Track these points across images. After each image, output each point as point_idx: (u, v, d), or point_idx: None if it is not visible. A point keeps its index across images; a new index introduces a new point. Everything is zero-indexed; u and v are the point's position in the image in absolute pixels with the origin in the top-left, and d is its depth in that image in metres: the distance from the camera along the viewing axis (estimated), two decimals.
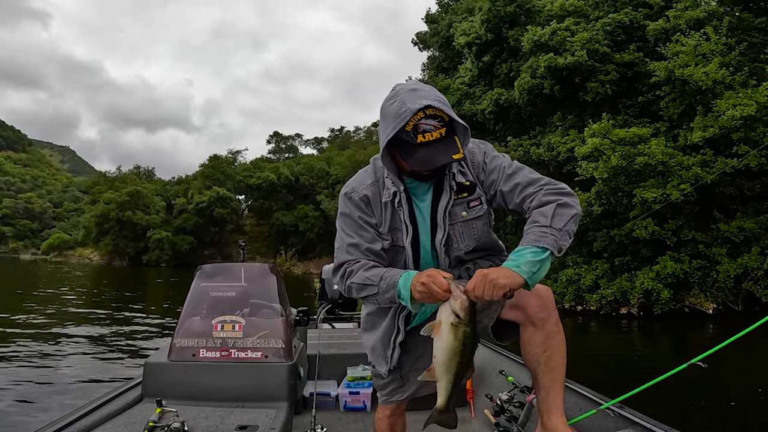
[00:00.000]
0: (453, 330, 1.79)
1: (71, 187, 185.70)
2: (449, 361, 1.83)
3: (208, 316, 3.97)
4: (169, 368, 3.67)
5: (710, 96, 15.73)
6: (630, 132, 16.21)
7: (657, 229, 15.53)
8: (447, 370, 1.85)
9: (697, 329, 13.94)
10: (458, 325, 1.78)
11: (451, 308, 1.78)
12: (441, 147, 1.93)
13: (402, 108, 1.93)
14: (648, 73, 17.64)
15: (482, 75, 24.44)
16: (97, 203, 67.51)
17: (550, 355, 2.08)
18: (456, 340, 1.79)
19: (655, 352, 11.69)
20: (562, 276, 17.69)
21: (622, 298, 16.13)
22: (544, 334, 2.08)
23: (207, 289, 4.20)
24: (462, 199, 2.18)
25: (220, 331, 3.86)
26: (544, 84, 19.39)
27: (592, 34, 19.15)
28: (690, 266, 15.56)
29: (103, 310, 17.47)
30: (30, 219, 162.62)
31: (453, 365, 1.84)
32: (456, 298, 1.77)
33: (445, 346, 1.82)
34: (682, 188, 15.04)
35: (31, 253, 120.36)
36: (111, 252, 66.85)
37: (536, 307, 2.08)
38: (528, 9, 22.06)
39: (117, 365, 9.45)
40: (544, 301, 2.09)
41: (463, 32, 23.83)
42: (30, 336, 11.64)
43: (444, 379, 1.87)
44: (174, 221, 64.54)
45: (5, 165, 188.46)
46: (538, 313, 2.08)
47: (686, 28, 17.25)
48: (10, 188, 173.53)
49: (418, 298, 1.87)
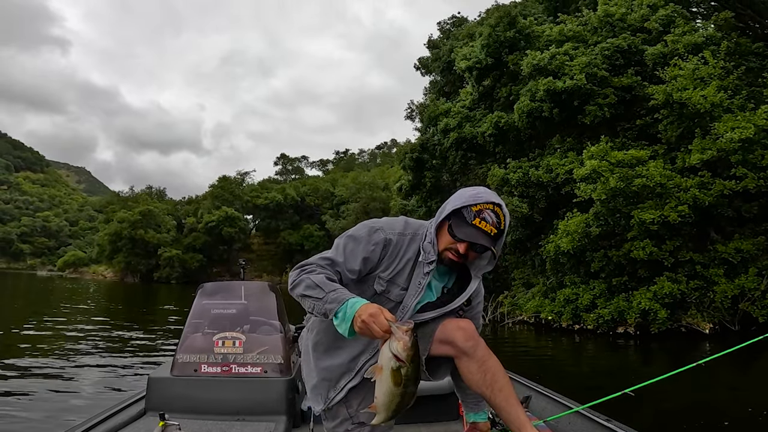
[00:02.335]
0: (393, 375, 1.75)
1: (86, 207, 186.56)
2: (390, 403, 1.80)
3: (210, 332, 4.04)
4: (172, 383, 3.75)
5: (708, 119, 15.59)
6: (628, 154, 16.05)
7: (655, 249, 15.29)
8: (387, 409, 1.82)
9: (693, 349, 13.69)
10: (399, 368, 1.74)
11: (390, 350, 1.74)
12: (487, 239, 2.04)
13: (479, 194, 2.09)
14: (646, 97, 17.53)
15: (482, 98, 24.36)
16: (110, 222, 68.27)
17: (492, 377, 2.11)
18: (396, 384, 1.76)
19: (652, 370, 11.40)
20: (560, 295, 17.51)
21: (619, 318, 15.87)
22: (478, 360, 2.13)
23: (208, 306, 4.27)
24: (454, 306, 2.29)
25: (221, 347, 3.93)
26: (543, 107, 19.26)
27: (591, 58, 19.07)
28: (687, 287, 15.30)
29: (112, 325, 17.32)
30: (47, 237, 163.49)
31: (393, 405, 1.81)
32: (398, 339, 1.72)
33: (385, 390, 1.78)
34: (679, 210, 14.85)
35: (48, 270, 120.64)
36: (123, 269, 67.51)
37: (462, 338, 2.13)
38: (527, 34, 21.99)
39: (126, 379, 9.32)
40: (467, 332, 2.15)
41: (464, 57, 23.79)
42: (39, 350, 11.49)
43: (384, 415, 1.84)
44: (184, 240, 65.08)
45: (24, 185, 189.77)
46: (466, 342, 2.13)
47: (684, 53, 17.15)
48: (28, 207, 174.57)
49: (356, 330, 1.82)
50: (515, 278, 21.89)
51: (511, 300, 21.01)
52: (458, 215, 2.07)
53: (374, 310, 1.78)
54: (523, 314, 19.42)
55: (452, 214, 2.09)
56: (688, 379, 8.44)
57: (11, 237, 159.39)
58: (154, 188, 79.29)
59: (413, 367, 1.76)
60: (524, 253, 21.89)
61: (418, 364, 1.79)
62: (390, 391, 1.76)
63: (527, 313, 19.11)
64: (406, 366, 1.73)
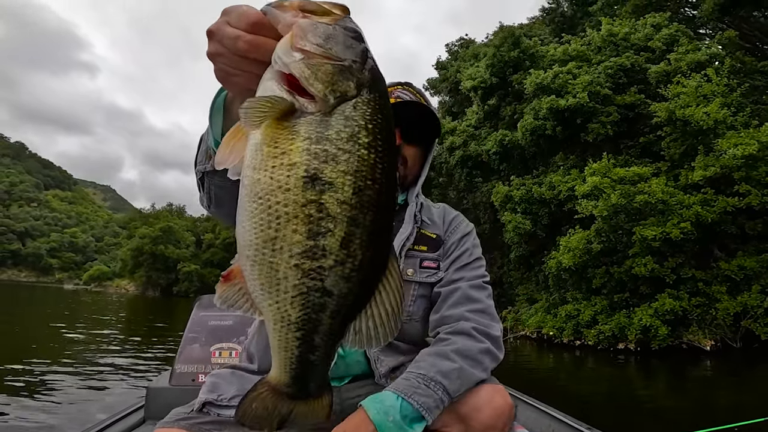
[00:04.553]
0: (275, 133, 0.71)
1: (111, 223, 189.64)
2: (270, 252, 0.73)
3: (207, 343, 4.00)
4: (170, 392, 3.68)
5: (711, 136, 15.24)
6: (630, 171, 15.71)
7: (656, 266, 14.89)
8: (269, 281, 0.74)
9: (694, 365, 13.28)
10: (301, 113, 0.72)
11: (275, 66, 0.73)
12: (414, 107, 1.61)
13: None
14: (649, 114, 17.20)
15: (487, 117, 24.11)
16: (132, 238, 69.17)
17: None
18: (285, 166, 0.71)
19: (652, 387, 10.99)
20: (562, 311, 17.13)
21: (620, 334, 15.41)
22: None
23: (205, 318, 4.21)
24: (417, 252, 1.62)
25: (217, 358, 3.90)
26: (547, 125, 18.95)
27: (594, 76, 18.77)
28: (689, 303, 14.86)
29: (128, 336, 17.23)
30: (74, 252, 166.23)
31: (284, 266, 0.73)
32: (285, 24, 0.75)
33: (254, 200, 0.72)
34: (682, 227, 14.42)
35: (74, 284, 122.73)
36: (145, 283, 68.69)
37: (490, 416, 1.35)
38: (531, 54, 21.74)
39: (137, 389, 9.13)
40: (498, 411, 1.36)
41: (469, 77, 23.66)
42: (48, 359, 11.30)
43: (269, 306, 0.77)
44: (202, 255, 65.82)
45: (53, 202, 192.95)
46: (488, 420, 1.34)
47: (687, 71, 16.82)
48: (56, 223, 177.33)
49: (220, 79, 0.87)
50: (519, 294, 21.50)
51: (514, 315, 20.57)
52: None
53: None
54: (526, 329, 18.97)
55: None
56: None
57: (41, 252, 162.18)
58: (174, 205, 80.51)
59: (353, 119, 0.71)
60: (528, 270, 21.50)
61: (373, 115, 0.73)
62: (262, 203, 0.71)
63: (529, 328, 18.66)
64: (322, 106, 0.71)
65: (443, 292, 1.57)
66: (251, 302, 0.77)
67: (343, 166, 0.68)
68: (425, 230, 1.67)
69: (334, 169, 0.68)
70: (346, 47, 0.71)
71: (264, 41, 0.76)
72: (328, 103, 0.69)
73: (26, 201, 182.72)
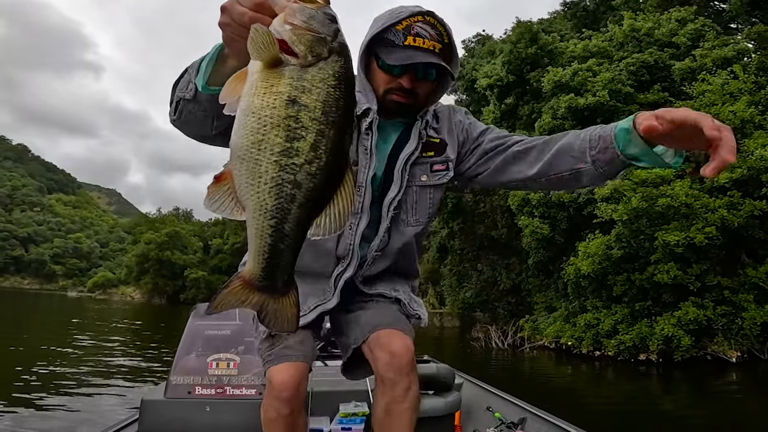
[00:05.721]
0: (265, 78, 0.96)
1: (117, 228, 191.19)
2: (256, 150, 0.95)
3: (203, 354, 4.03)
4: (165, 405, 3.72)
5: (738, 136, 15.06)
6: (652, 173, 15.59)
7: (680, 273, 14.76)
8: (253, 174, 0.95)
9: (719, 378, 13.22)
10: (287, 64, 0.97)
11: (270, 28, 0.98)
12: (432, 55, 1.65)
13: (400, 10, 1.70)
14: None
15: (505, 117, 24.10)
16: (138, 243, 69.35)
17: (391, 423, 1.70)
18: (269, 95, 0.95)
19: (674, 399, 10.98)
20: (581, 320, 17.03)
21: (642, 344, 15.32)
22: (390, 397, 1.68)
23: (202, 327, 4.23)
24: (426, 159, 1.84)
25: (215, 369, 3.92)
26: (565, 125, 18.89)
27: (615, 74, 18.75)
28: (714, 312, 14.71)
29: (128, 346, 17.46)
30: (78, 258, 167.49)
31: (266, 161, 0.95)
32: (280, 6, 1.01)
33: (249, 115, 0.96)
34: (706, 231, 14.34)
35: (78, 291, 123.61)
36: (151, 290, 68.86)
37: (386, 365, 1.69)
38: (550, 50, 21.76)
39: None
40: (397, 360, 1.68)
41: (485, 75, 23.71)
42: (49, 370, 11.55)
43: (251, 197, 0.96)
44: (210, 261, 65.91)
45: (56, 206, 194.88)
46: (387, 372, 1.69)
47: (713, 67, 16.74)
48: (60, 229, 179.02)
49: (226, 41, 1.14)
50: (537, 302, 21.43)
51: (532, 324, 20.54)
52: (383, 43, 1.69)
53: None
54: (544, 339, 18.95)
55: (375, 45, 1.71)
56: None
57: (44, 258, 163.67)
58: (181, 209, 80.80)
59: (324, 69, 0.98)
60: (547, 276, 21.44)
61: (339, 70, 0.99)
62: (254, 116, 0.95)
63: (547, 338, 18.64)
64: (302, 61, 0.97)
65: (495, 144, 1.86)
66: (236, 201, 0.99)
67: (315, 95, 0.96)
68: (431, 137, 1.84)
69: (308, 97, 0.95)
70: (323, 25, 0.99)
71: (263, 18, 1.02)
72: (307, 60, 0.97)
73: (29, 205, 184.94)
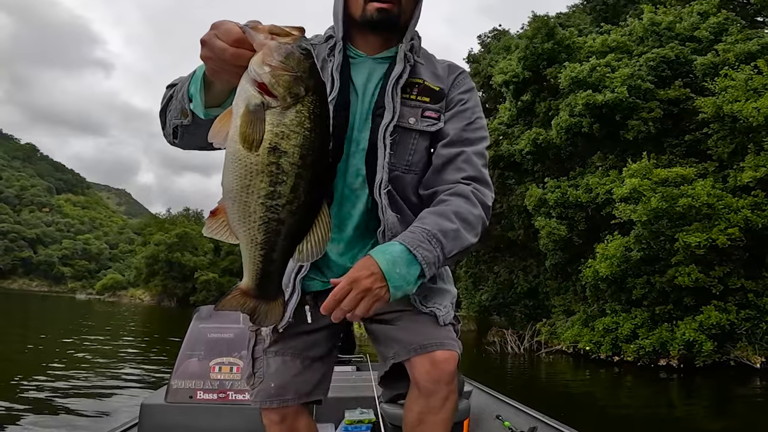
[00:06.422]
0: (247, 121, 1.09)
1: (126, 229, 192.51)
2: (245, 194, 1.14)
3: (206, 357, 4.01)
4: (166, 410, 3.70)
5: (763, 133, 14.99)
6: (673, 172, 15.50)
7: (702, 276, 14.64)
8: (244, 214, 1.16)
9: (742, 384, 13.13)
10: (262, 107, 1.10)
11: (249, 74, 1.11)
12: None
13: None
14: (695, 110, 16.95)
15: (521, 114, 24.03)
16: (147, 245, 69.60)
17: (423, 430, 1.68)
18: (247, 145, 1.10)
19: (695, 407, 10.91)
20: (599, 324, 16.93)
21: (662, 350, 15.23)
22: (426, 406, 1.66)
23: (205, 330, 4.21)
24: (419, 102, 1.73)
25: (217, 373, 3.90)
26: (583, 122, 18.84)
27: (634, 69, 18.61)
28: (737, 317, 14.61)
29: (134, 349, 17.53)
30: (87, 260, 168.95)
31: (254, 203, 1.14)
32: (259, 45, 1.12)
33: (236, 161, 1.12)
34: (729, 233, 14.23)
35: (87, 293, 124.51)
36: (160, 293, 69.13)
37: (425, 373, 1.64)
38: (567, 46, 21.65)
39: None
40: (438, 371, 1.63)
41: (501, 71, 23.59)
42: (53, 373, 11.59)
43: (243, 232, 1.18)
44: (221, 263, 66.07)
45: (65, 207, 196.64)
46: (425, 381, 1.65)
47: (736, 62, 16.56)
48: (69, 229, 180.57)
49: (209, 73, 1.27)
50: (555, 305, 21.35)
51: (549, 329, 20.47)
52: None
53: (213, 24, 1.22)
54: (561, 344, 18.88)
55: None
56: None
57: (53, 260, 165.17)
58: (192, 210, 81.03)
59: (301, 112, 1.12)
60: (565, 279, 21.38)
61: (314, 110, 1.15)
62: (244, 162, 1.11)
63: (564, 342, 18.56)
64: (282, 103, 1.10)
65: (446, 154, 1.71)
66: (230, 231, 1.19)
67: (294, 140, 1.11)
68: (428, 82, 1.75)
69: (287, 143, 1.10)
70: (299, 63, 1.11)
71: (243, 53, 1.14)
72: (286, 101, 1.09)
73: (37, 206, 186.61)
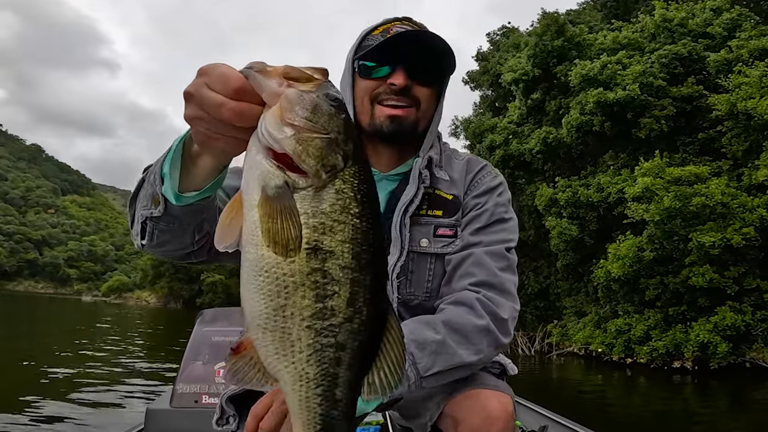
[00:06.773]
0: (274, 209, 0.77)
1: None
2: (281, 319, 0.79)
3: (210, 361, 3.99)
4: (171, 415, 3.70)
5: None
6: (686, 170, 15.43)
7: (716, 276, 14.61)
8: (283, 345, 0.81)
9: (758, 386, 13.03)
10: (285, 186, 0.77)
11: (258, 138, 0.79)
12: (416, 35, 1.46)
13: (377, 23, 1.57)
14: (708, 107, 16.89)
15: (531, 113, 23.99)
16: None
17: None
18: (292, 242, 0.76)
19: (710, 410, 10.84)
20: (611, 326, 16.90)
21: (676, 351, 15.20)
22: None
23: (209, 334, 4.20)
24: (430, 218, 1.53)
25: (222, 377, 3.83)
26: (594, 120, 18.80)
27: (646, 67, 18.56)
28: (753, 317, 14.53)
29: (141, 353, 17.57)
30: (93, 261, 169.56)
31: (297, 329, 0.79)
32: (271, 99, 0.78)
33: (261, 273, 0.79)
34: (744, 232, 14.18)
35: (92, 295, 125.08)
36: (167, 295, 69.28)
37: (483, 419, 1.32)
38: (578, 43, 21.58)
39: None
40: (490, 425, 1.31)
41: (510, 69, 23.55)
42: (57, 377, 11.63)
43: (286, 369, 0.83)
44: (228, 264, 66.13)
45: (71, 208, 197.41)
46: (484, 425, 1.32)
47: (750, 59, 16.47)
48: (75, 231, 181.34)
49: (197, 141, 0.93)
50: (566, 306, 21.28)
51: (560, 330, 20.41)
52: (361, 51, 1.51)
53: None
54: (572, 346, 18.82)
55: (355, 62, 1.53)
56: None
57: (58, 262, 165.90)
58: None
59: (344, 191, 0.79)
60: (577, 280, 21.30)
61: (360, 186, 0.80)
62: (269, 276, 0.78)
63: (576, 344, 18.50)
64: (315, 182, 0.78)
65: (454, 259, 1.49)
66: (263, 372, 0.83)
67: (340, 235, 0.78)
68: (441, 191, 1.55)
69: (332, 239, 0.77)
70: (331, 118, 0.78)
71: (248, 108, 0.79)
72: (321, 179, 0.77)
73: (43, 207, 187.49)
